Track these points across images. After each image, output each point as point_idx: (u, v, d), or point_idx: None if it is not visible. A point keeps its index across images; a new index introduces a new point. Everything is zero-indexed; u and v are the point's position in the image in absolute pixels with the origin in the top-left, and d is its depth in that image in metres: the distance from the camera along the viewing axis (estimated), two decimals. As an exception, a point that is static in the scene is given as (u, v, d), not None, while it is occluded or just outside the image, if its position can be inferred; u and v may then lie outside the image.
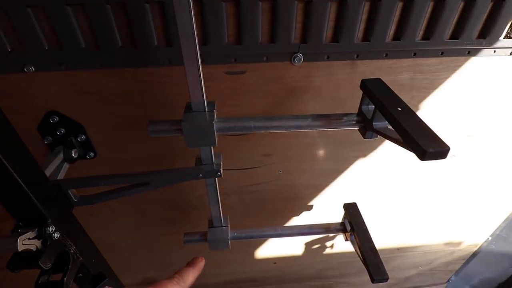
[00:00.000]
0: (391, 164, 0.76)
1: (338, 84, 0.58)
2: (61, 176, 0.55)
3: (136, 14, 0.46)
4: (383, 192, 0.83)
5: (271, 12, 0.48)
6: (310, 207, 0.82)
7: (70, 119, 0.57)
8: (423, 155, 0.29)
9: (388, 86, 0.42)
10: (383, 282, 0.54)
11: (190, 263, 0.44)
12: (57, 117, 0.56)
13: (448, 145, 0.29)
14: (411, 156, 0.38)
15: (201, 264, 0.45)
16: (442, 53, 0.56)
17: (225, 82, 0.55)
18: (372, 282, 0.55)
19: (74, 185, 0.46)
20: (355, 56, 0.54)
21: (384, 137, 0.38)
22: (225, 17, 0.47)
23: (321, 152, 0.70)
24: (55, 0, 0.43)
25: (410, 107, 0.65)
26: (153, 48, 0.50)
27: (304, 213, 0.84)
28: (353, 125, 0.44)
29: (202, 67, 0.40)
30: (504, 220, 1.00)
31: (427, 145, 0.29)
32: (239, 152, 0.68)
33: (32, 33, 0.46)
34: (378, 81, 0.42)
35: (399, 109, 0.35)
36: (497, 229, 1.03)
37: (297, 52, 0.53)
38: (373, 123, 0.40)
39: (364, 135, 0.43)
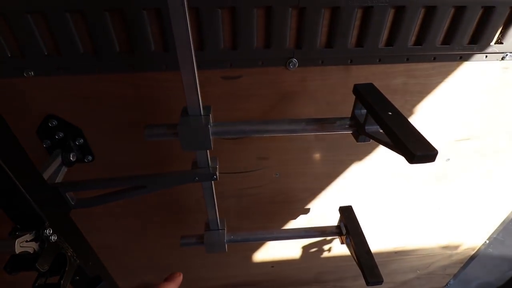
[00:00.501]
0: (387, 167, 0.77)
1: (333, 88, 0.58)
2: (59, 179, 0.56)
3: (134, 20, 0.47)
4: (380, 195, 0.83)
5: (266, 18, 0.49)
6: (307, 210, 0.83)
7: (69, 123, 0.58)
8: (412, 158, 0.30)
9: (379, 91, 0.43)
10: (378, 285, 0.54)
11: (169, 278, 0.45)
12: (55, 121, 0.57)
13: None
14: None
15: (179, 279, 0.46)
16: (435, 58, 0.57)
17: (221, 87, 0.56)
18: (367, 285, 0.55)
19: (71, 188, 0.46)
20: (349, 61, 0.55)
21: (376, 141, 0.39)
22: (221, 23, 0.49)
23: (317, 156, 0.71)
24: (54, 6, 0.44)
25: (404, 111, 0.66)
26: (150, 53, 0.51)
27: (301, 216, 0.84)
28: (346, 129, 0.45)
29: (198, 72, 0.41)
30: (501, 223, 1.00)
31: (415, 149, 0.30)
32: (236, 156, 0.68)
33: (32, 38, 0.47)
34: (370, 86, 0.43)
35: (390, 113, 0.35)
36: (494, 233, 1.04)
37: (292, 57, 0.54)
38: (365, 127, 0.41)
39: (357, 139, 0.44)
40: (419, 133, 0.32)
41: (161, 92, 0.56)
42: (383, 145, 0.37)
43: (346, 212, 0.67)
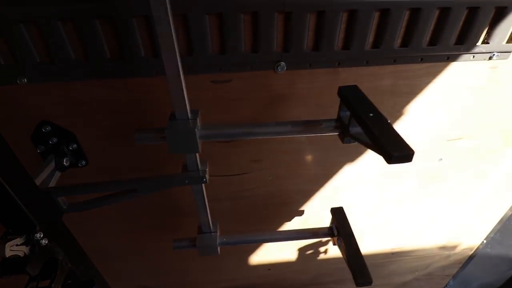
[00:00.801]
0: (380, 168, 0.77)
1: (321, 90, 0.59)
2: (52, 184, 0.57)
3: (124, 28, 0.48)
4: (374, 195, 0.83)
5: (253, 23, 0.50)
6: (302, 212, 0.83)
7: (62, 128, 0.59)
8: (390, 159, 0.30)
9: (363, 93, 0.43)
10: (367, 285, 0.54)
11: None
12: (49, 127, 0.58)
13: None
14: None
15: None
16: (422, 59, 0.58)
17: (212, 91, 0.57)
18: (357, 286, 0.55)
19: (62, 193, 0.47)
20: (337, 63, 0.56)
21: (358, 142, 0.39)
22: (209, 29, 0.49)
23: (309, 157, 0.71)
24: (46, 16, 0.45)
25: (394, 112, 0.67)
26: (141, 59, 0.51)
27: (296, 218, 0.85)
28: (332, 130, 0.46)
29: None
30: (498, 223, 1.00)
31: (393, 149, 0.30)
32: (229, 159, 0.69)
33: (25, 46, 0.48)
34: (354, 88, 0.44)
35: (371, 115, 0.36)
36: (491, 232, 1.03)
37: (280, 61, 0.54)
38: (350, 128, 0.41)
39: (343, 140, 0.45)
40: (397, 134, 0.33)
41: (152, 97, 0.56)
42: (365, 146, 0.37)
43: (337, 214, 0.67)
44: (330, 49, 0.53)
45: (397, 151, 0.30)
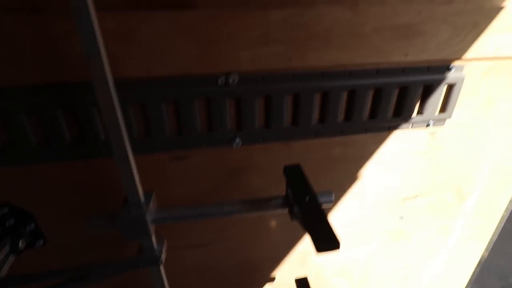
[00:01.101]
0: (346, 228, 0.78)
1: (277, 162, 0.62)
2: (5, 269, 0.54)
3: (84, 115, 0.51)
4: (344, 257, 0.83)
5: (207, 107, 0.55)
6: (272, 279, 0.81)
7: (20, 209, 0.58)
8: (317, 249, 0.32)
9: (303, 174, 0.46)
10: None
11: None
12: (6, 208, 0.57)
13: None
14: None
15: None
16: (366, 129, 0.63)
17: (170, 167, 0.59)
18: None
19: (8, 284, 0.45)
20: (288, 137, 0.61)
21: (299, 223, 0.41)
22: (165, 114, 0.53)
23: (274, 223, 0.72)
24: (10, 108, 0.48)
25: (348, 177, 0.71)
26: (101, 142, 0.54)
27: (267, 285, 0.82)
28: (280, 207, 0.48)
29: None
30: (471, 276, 1.00)
31: (320, 240, 0.32)
32: (194, 229, 0.69)
33: (-15, 135, 0.50)
34: (297, 168, 0.47)
35: (307, 198, 0.39)
36: (471, 278, 1.02)
37: (235, 137, 0.58)
38: (294, 207, 0.44)
39: (291, 218, 0.46)
40: (327, 223, 0.35)
41: (112, 178, 0.58)
42: (303, 228, 0.39)
43: (301, 285, 0.66)
44: (279, 126, 0.58)
45: (323, 242, 0.32)
